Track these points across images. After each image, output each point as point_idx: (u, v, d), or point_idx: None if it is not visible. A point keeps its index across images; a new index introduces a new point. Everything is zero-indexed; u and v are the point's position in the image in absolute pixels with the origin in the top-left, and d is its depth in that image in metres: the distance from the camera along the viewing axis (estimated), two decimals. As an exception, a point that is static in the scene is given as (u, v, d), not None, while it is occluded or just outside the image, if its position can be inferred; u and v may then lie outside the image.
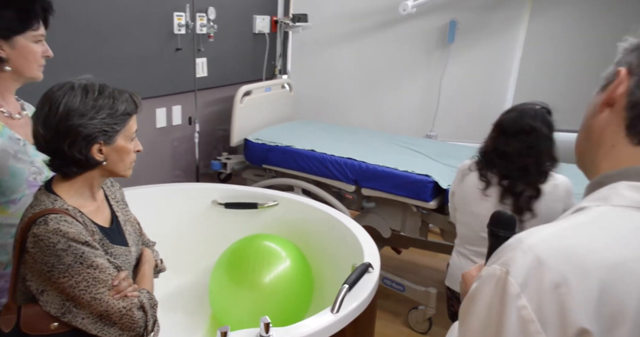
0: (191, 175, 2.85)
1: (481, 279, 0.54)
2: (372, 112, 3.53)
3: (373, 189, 2.38)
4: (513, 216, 0.74)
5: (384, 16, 3.28)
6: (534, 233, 0.53)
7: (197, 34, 2.61)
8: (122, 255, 1.10)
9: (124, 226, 1.18)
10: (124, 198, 1.27)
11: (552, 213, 1.50)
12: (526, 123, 1.50)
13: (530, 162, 1.48)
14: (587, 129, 0.63)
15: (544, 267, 0.49)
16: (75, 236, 0.95)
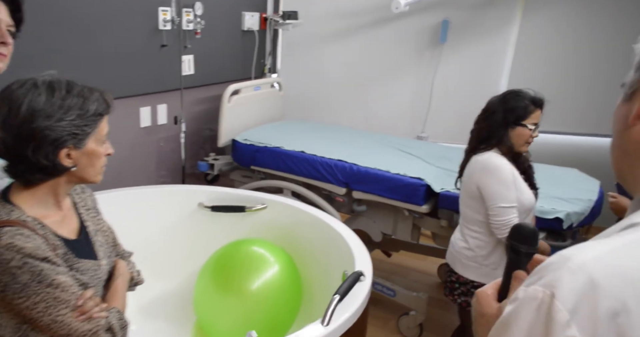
0: (177, 176, 2.76)
1: (518, 302, 0.47)
2: (363, 112, 3.47)
3: (364, 192, 2.32)
4: (535, 230, 0.68)
5: (375, 14, 3.22)
6: (582, 250, 0.46)
7: (183, 30, 2.52)
8: (90, 270, 1.01)
9: (94, 236, 1.08)
10: (95, 205, 1.17)
11: (467, 182, 1.67)
12: (498, 96, 1.68)
13: (476, 128, 1.69)
14: (622, 145, 0.58)
15: (599, 291, 0.42)
16: (32, 251, 0.86)
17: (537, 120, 1.62)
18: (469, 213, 1.70)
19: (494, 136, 1.61)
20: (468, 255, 1.68)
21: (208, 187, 2.35)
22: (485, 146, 1.63)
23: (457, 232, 1.78)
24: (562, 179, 2.22)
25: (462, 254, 1.71)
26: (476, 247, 1.67)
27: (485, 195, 1.60)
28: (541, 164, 2.47)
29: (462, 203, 1.73)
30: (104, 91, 1.00)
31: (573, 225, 1.86)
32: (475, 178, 1.62)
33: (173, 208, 2.18)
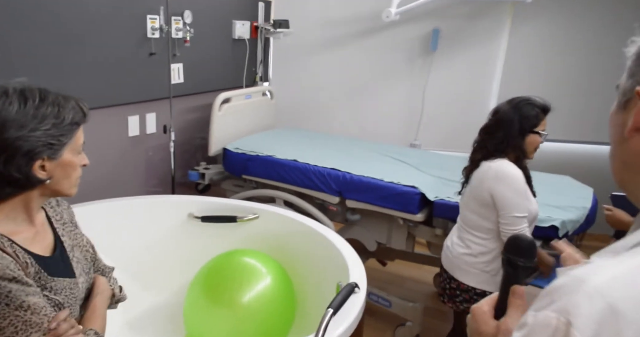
0: (167, 186, 2.71)
1: (528, 329, 0.43)
2: (355, 120, 3.46)
3: (358, 201, 2.29)
4: (533, 241, 0.64)
5: (367, 23, 3.22)
6: (597, 272, 0.42)
7: (172, 38, 2.49)
8: (66, 289, 0.95)
9: (70, 252, 1.02)
10: (73, 218, 1.11)
11: (478, 189, 1.65)
12: (500, 105, 1.70)
13: (485, 138, 1.67)
14: (621, 156, 0.55)
15: (620, 318, 0.39)
16: (0, 271, 0.81)
17: (545, 127, 1.65)
18: (474, 219, 1.68)
19: (510, 144, 1.61)
20: (469, 261, 1.66)
21: (198, 197, 2.30)
22: (499, 154, 1.62)
23: (454, 237, 1.76)
24: (555, 186, 2.20)
25: (462, 260, 1.68)
26: (479, 254, 1.65)
27: (499, 203, 1.59)
28: (534, 171, 2.46)
29: (467, 209, 1.71)
30: (80, 99, 0.96)
31: (569, 233, 1.84)
32: (488, 185, 1.61)
33: (163, 219, 2.13)
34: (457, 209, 2.02)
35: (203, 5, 2.70)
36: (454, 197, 2.07)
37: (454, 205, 2.04)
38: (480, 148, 1.68)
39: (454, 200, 2.05)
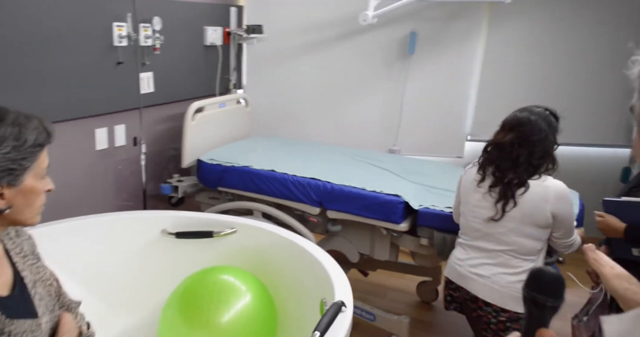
0: (138, 201, 2.58)
1: None
2: (334, 126, 3.40)
3: (339, 211, 2.21)
4: (560, 276, 0.57)
5: (343, 27, 3.18)
6: None
7: (140, 46, 2.37)
8: (27, 331, 0.85)
9: (32, 288, 0.92)
10: (34, 250, 1.00)
11: (537, 213, 1.55)
12: (524, 116, 1.58)
13: (522, 153, 1.54)
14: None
15: None
16: None
17: None
18: (530, 244, 1.59)
19: (549, 160, 1.59)
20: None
21: (172, 212, 2.19)
22: (543, 171, 1.59)
23: (493, 267, 1.63)
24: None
25: (514, 288, 1.58)
26: None
27: (564, 223, 1.58)
28: None
29: (521, 235, 1.59)
30: (43, 119, 0.87)
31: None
32: (552, 206, 1.55)
33: (134, 236, 2.01)
34: (442, 218, 1.98)
35: (173, 12, 2.60)
36: (438, 205, 2.03)
37: (438, 213, 1.99)
38: (523, 165, 1.55)
39: (439, 208, 2.01)
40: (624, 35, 2.89)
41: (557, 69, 3.06)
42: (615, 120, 3.04)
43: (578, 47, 2.99)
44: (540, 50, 3.05)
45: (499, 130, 1.64)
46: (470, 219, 1.70)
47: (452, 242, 1.95)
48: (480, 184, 1.65)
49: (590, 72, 3.01)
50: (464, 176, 1.78)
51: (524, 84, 3.13)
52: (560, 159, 3.14)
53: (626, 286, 0.74)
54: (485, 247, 1.66)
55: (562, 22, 2.97)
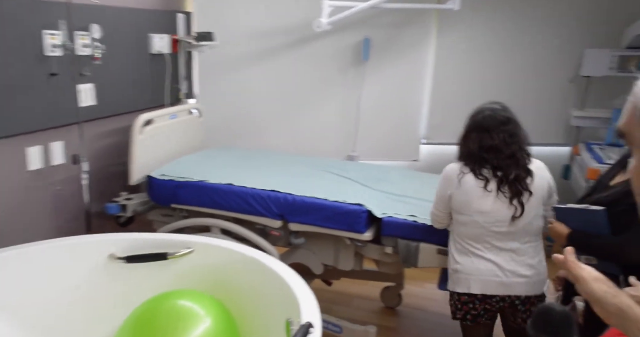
0: (81, 224, 2.37)
1: None
2: (291, 134, 3.32)
3: (302, 224, 2.14)
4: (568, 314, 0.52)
5: (297, 34, 3.12)
6: None
7: (77, 55, 2.19)
8: None
9: None
10: None
11: (543, 191, 1.68)
12: (501, 116, 1.69)
13: (515, 148, 1.65)
14: None
15: None
16: None
17: None
18: (540, 223, 1.69)
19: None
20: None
21: (120, 235, 2.01)
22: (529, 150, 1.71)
23: (532, 258, 1.67)
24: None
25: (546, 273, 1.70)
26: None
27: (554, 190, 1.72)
28: None
29: (536, 219, 1.67)
30: None
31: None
32: (548, 179, 1.70)
33: (77, 265, 1.83)
34: (405, 226, 1.95)
35: (114, 19, 2.43)
36: (401, 214, 2.00)
37: (402, 222, 1.96)
38: (520, 158, 1.65)
39: (402, 216, 1.98)
40: (567, 39, 3.03)
41: (503, 71, 3.16)
42: (556, 120, 3.17)
43: (522, 50, 3.10)
44: (487, 54, 3.15)
45: (477, 133, 1.67)
46: (489, 225, 1.65)
47: (416, 249, 1.93)
48: (486, 188, 1.63)
49: (533, 74, 3.13)
50: (462, 186, 1.67)
51: (473, 87, 3.21)
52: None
53: (605, 288, 0.72)
54: (515, 247, 1.67)
55: (507, 27, 3.07)
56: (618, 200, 1.22)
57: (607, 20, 2.94)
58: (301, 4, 3.04)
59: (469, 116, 1.74)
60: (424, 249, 1.92)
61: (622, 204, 1.21)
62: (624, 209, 1.20)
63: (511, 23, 3.05)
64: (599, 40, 2.95)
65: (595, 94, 2.94)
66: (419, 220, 1.94)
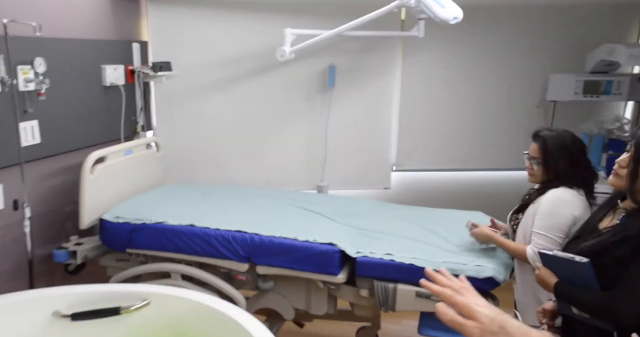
0: (22, 278, 2.13)
1: None
2: (256, 166, 3.19)
3: (270, 266, 1.99)
4: None
5: (259, 61, 3.02)
6: None
7: (20, 91, 2.00)
8: None
9: None
10: None
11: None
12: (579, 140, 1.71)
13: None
14: None
15: None
16: None
17: (529, 151, 1.75)
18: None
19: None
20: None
21: (65, 289, 1.79)
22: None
23: None
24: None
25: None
26: None
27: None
28: (444, 209, 2.42)
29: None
30: None
31: (505, 281, 1.74)
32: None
33: (14, 326, 1.60)
34: (382, 266, 1.84)
35: (61, 51, 2.26)
36: (376, 252, 1.88)
37: (378, 262, 1.84)
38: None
39: (378, 255, 1.86)
40: (532, 64, 3.07)
41: (470, 97, 3.17)
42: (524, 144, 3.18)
43: (488, 76, 3.12)
44: (453, 80, 3.15)
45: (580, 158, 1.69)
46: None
47: (394, 291, 1.81)
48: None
49: (500, 99, 3.15)
50: (582, 208, 1.61)
51: (441, 112, 3.19)
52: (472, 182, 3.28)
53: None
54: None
55: (471, 54, 3.09)
56: (605, 251, 1.13)
57: (570, 46, 3.00)
58: (263, 31, 2.96)
59: (567, 140, 1.68)
60: (402, 292, 1.80)
61: (610, 257, 1.12)
62: (611, 262, 1.12)
63: (474, 49, 3.08)
64: (564, 65, 3.01)
65: (563, 118, 2.97)
66: (395, 259, 1.83)
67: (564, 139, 1.67)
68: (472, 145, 3.22)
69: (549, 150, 1.66)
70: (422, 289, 1.77)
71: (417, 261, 1.79)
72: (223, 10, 2.93)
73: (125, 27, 2.77)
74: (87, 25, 2.47)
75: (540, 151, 1.68)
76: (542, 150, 1.67)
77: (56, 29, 2.25)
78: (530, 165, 1.73)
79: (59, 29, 2.27)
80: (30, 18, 2.06)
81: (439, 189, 3.33)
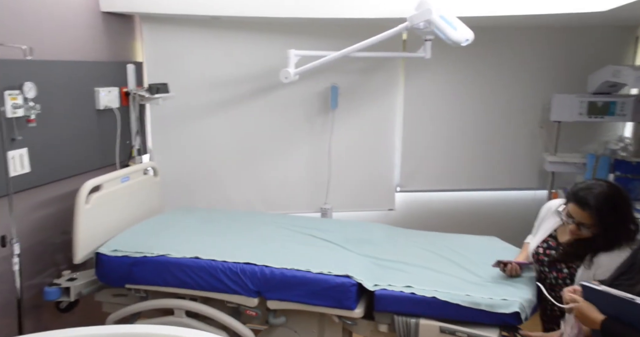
0: (11, 320, 1.96)
1: None
2: (258, 189, 3.07)
3: (282, 301, 1.86)
4: None
5: (259, 82, 2.93)
6: None
7: (8, 118, 1.87)
8: None
9: None
10: None
11: None
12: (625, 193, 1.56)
13: None
14: None
15: None
16: None
17: (571, 213, 1.55)
18: None
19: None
20: None
21: (58, 333, 1.63)
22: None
23: None
24: (490, 252, 2.03)
25: None
26: None
27: None
28: (458, 234, 2.34)
29: None
30: None
31: (528, 317, 1.65)
32: None
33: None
34: (403, 300, 1.73)
35: (51, 74, 2.12)
36: (395, 285, 1.78)
37: (398, 295, 1.74)
38: None
39: (398, 288, 1.76)
40: (532, 85, 3.05)
41: (473, 116, 3.12)
42: (528, 164, 3.15)
43: (491, 96, 3.09)
44: (456, 100, 3.10)
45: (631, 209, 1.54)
46: None
47: (417, 327, 1.70)
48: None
49: (503, 118, 3.12)
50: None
51: (444, 132, 3.14)
52: (476, 203, 3.22)
53: None
54: None
55: (474, 74, 3.06)
56: None
57: (572, 67, 2.99)
58: (263, 51, 2.88)
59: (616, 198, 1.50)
60: (425, 327, 1.69)
61: None
62: None
63: (477, 69, 3.04)
64: (566, 85, 2.99)
65: (567, 138, 2.95)
66: (417, 292, 1.72)
67: (614, 198, 1.49)
68: (475, 165, 3.17)
69: (604, 216, 1.47)
70: (446, 324, 1.70)
71: (440, 294, 1.70)
72: (220, 30, 2.84)
73: (118, 47, 2.66)
74: (80, 46, 2.35)
75: (591, 218, 1.49)
76: (595, 217, 1.48)
77: (47, 50, 2.12)
78: (577, 229, 1.53)
79: (50, 50, 2.15)
80: (20, 40, 1.94)
81: (444, 210, 3.26)
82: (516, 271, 1.78)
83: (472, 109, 3.10)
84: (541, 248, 1.74)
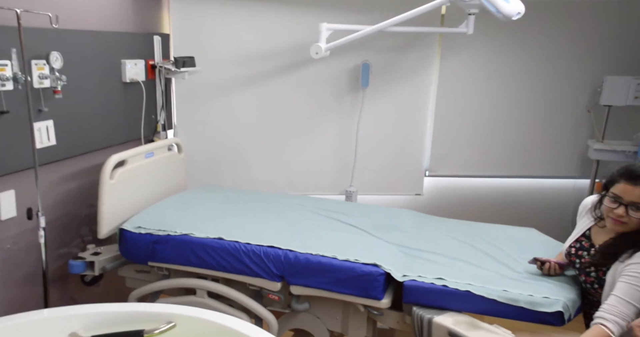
0: (36, 291, 1.97)
1: None
2: (282, 169, 3.00)
3: (306, 287, 1.81)
4: None
5: (287, 58, 2.82)
6: None
7: (34, 89, 1.83)
8: None
9: None
10: None
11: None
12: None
13: None
14: None
15: None
16: None
17: (619, 193, 1.41)
18: None
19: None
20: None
21: (83, 308, 1.63)
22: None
23: None
24: (527, 246, 1.92)
25: None
26: None
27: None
28: (493, 224, 2.22)
29: None
30: None
31: (571, 317, 1.54)
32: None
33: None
34: (433, 293, 1.65)
35: (78, 44, 2.07)
36: (426, 276, 1.69)
37: (428, 287, 1.65)
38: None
39: (428, 280, 1.67)
40: (580, 65, 2.84)
41: (512, 99, 2.94)
42: (569, 151, 2.97)
43: (533, 76, 2.89)
44: (494, 81, 2.92)
45: None
46: None
47: (429, 325, 1.60)
48: None
49: (546, 102, 2.92)
50: None
51: (479, 115, 2.98)
52: (511, 191, 3.07)
53: None
54: None
55: (516, 51, 2.86)
56: None
57: (628, 46, 2.76)
58: (293, 25, 2.75)
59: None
60: (437, 327, 1.58)
61: None
62: None
63: (521, 47, 2.84)
64: (620, 66, 2.76)
65: (616, 124, 2.74)
66: (449, 284, 1.63)
67: None
68: (511, 150, 3.00)
69: None
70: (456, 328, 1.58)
71: (474, 288, 1.60)
72: (249, 2, 2.72)
73: (145, 18, 2.58)
74: (106, 16, 2.28)
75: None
76: None
77: (73, 20, 2.06)
78: (625, 212, 1.39)
79: (75, 20, 2.08)
80: (46, 8, 1.88)
81: (475, 197, 3.13)
82: (555, 270, 1.66)
83: (512, 90, 2.92)
84: (573, 248, 1.62)
